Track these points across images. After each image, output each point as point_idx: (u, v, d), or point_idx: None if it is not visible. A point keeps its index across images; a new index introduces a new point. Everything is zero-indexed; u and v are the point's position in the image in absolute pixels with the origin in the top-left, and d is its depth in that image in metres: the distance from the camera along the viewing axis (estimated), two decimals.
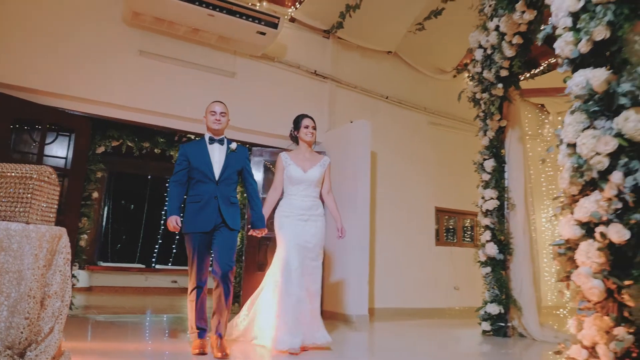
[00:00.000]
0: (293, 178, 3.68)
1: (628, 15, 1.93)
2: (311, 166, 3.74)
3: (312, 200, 3.70)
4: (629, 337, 1.73)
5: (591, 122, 1.97)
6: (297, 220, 3.57)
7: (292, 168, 3.70)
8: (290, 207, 3.63)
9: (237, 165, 3.39)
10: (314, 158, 3.83)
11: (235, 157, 3.40)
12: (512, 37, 3.77)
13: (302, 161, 3.75)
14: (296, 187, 3.68)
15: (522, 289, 4.63)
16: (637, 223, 1.79)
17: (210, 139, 3.41)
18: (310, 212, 3.65)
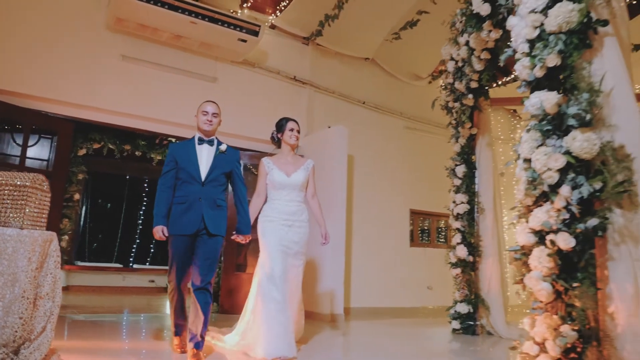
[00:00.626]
0: (276, 183, 3.58)
1: (577, 45, 2.16)
2: (295, 170, 3.64)
3: (297, 205, 3.60)
4: (572, 334, 1.95)
5: (544, 140, 2.19)
6: (280, 225, 3.49)
7: (275, 173, 3.61)
8: (274, 211, 3.54)
9: (225, 167, 3.28)
10: (297, 162, 3.73)
11: (225, 159, 3.30)
12: (481, 53, 4.01)
13: (285, 165, 3.65)
14: (280, 192, 3.58)
15: (490, 289, 4.89)
16: (582, 232, 2.02)
17: (200, 140, 3.31)
18: (294, 217, 3.55)
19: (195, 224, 3.11)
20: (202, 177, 3.18)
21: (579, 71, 2.15)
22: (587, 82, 2.12)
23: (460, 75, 4.62)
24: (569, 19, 2.13)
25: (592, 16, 2.17)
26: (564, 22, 2.14)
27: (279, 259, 3.40)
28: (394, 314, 6.70)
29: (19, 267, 2.28)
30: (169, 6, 5.15)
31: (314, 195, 3.79)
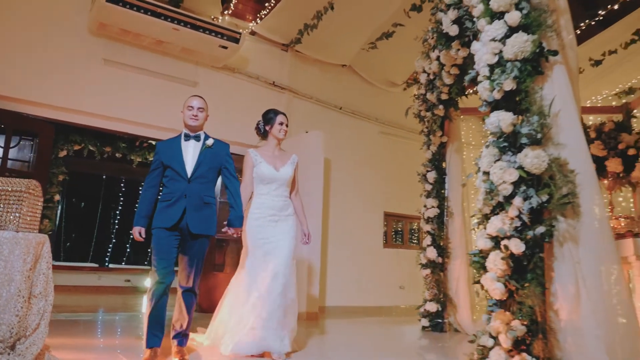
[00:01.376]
0: (265, 177, 3.48)
1: (530, 72, 2.43)
2: (282, 164, 3.56)
3: (284, 200, 3.53)
4: (522, 328, 2.21)
5: (501, 156, 2.45)
6: (267, 222, 3.41)
7: (263, 166, 3.49)
8: (261, 207, 3.45)
9: (213, 162, 3.19)
10: (283, 156, 3.64)
11: (212, 153, 3.19)
12: (450, 68, 4.29)
13: (273, 159, 3.55)
14: (267, 187, 3.49)
15: (458, 289, 5.17)
16: (531, 238, 2.29)
17: (186, 135, 3.21)
18: (281, 212, 3.48)
19: (174, 218, 3.01)
20: (187, 174, 3.09)
21: (532, 95, 2.42)
22: (538, 105, 2.39)
23: (432, 87, 4.91)
24: (523, 49, 2.40)
25: (544, 46, 2.44)
26: (519, 51, 2.41)
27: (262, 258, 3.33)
28: (367, 313, 6.96)
29: (14, 267, 2.41)
30: (151, 13, 5.28)
31: (297, 193, 3.73)
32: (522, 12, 2.47)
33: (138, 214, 3.14)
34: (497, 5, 2.52)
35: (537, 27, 2.43)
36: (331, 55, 7.23)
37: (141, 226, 3.11)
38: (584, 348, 2.12)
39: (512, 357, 2.22)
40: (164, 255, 3.00)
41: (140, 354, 3.17)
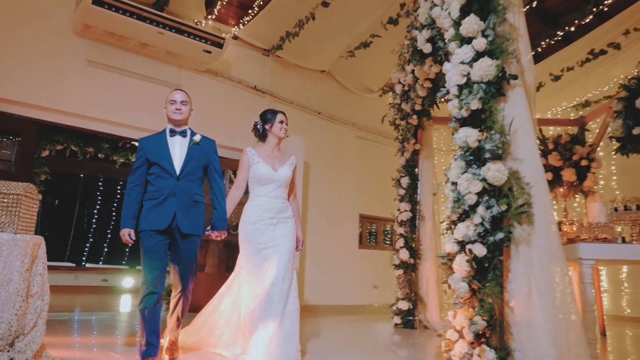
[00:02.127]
0: (262, 177, 3.32)
1: (494, 94, 2.71)
2: (281, 165, 3.41)
3: (282, 202, 3.37)
4: (482, 323, 2.49)
5: (467, 168, 2.73)
6: (265, 225, 3.24)
7: (260, 166, 3.33)
8: (258, 209, 3.27)
9: (201, 159, 3.08)
10: (282, 156, 3.50)
11: (200, 150, 3.09)
12: (424, 82, 4.58)
13: (271, 159, 3.40)
14: (265, 188, 3.33)
15: (428, 288, 5.48)
16: (492, 243, 2.56)
17: (171, 131, 3.08)
18: (280, 215, 3.32)
19: (167, 220, 2.89)
20: (176, 171, 2.97)
21: (495, 114, 2.70)
22: (500, 124, 2.67)
23: (407, 98, 5.19)
24: (488, 72, 2.68)
25: (506, 70, 2.72)
26: (484, 74, 2.68)
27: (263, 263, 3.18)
28: (343, 311, 7.22)
29: (13, 268, 2.55)
30: (137, 16, 5.40)
31: (295, 196, 3.61)
32: (488, 39, 2.75)
33: (124, 215, 2.95)
34: (466, 32, 2.80)
35: (500, 54, 2.71)
36: (311, 61, 7.46)
37: (130, 228, 2.93)
38: (535, 340, 2.41)
39: (473, 348, 2.50)
40: (156, 264, 2.87)
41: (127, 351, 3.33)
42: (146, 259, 2.91)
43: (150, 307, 2.85)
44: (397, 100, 5.42)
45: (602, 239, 3.48)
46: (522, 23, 2.91)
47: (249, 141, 6.54)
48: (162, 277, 2.90)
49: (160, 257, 2.91)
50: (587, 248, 3.23)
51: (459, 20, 2.87)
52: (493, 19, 2.76)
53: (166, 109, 3.12)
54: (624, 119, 3.60)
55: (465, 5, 2.85)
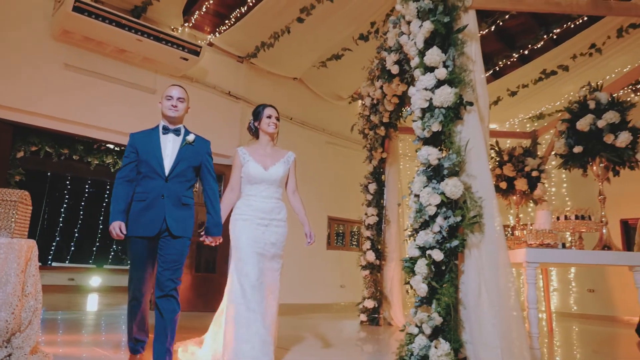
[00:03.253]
0: (252, 176, 3.21)
1: (452, 118, 3.07)
2: (273, 163, 3.28)
3: (275, 202, 3.25)
4: (439, 319, 2.84)
5: (428, 183, 3.08)
6: (256, 224, 3.15)
7: (251, 165, 3.22)
8: (249, 208, 3.18)
9: (193, 160, 2.93)
10: (276, 153, 3.35)
11: (192, 150, 2.94)
12: (391, 98, 4.94)
13: (263, 157, 3.28)
14: (256, 187, 3.23)
15: (392, 288, 5.86)
16: (448, 249, 2.93)
17: (165, 128, 2.93)
18: (271, 215, 3.21)
19: (157, 225, 2.78)
20: (165, 171, 2.84)
21: (452, 136, 3.06)
22: (457, 144, 3.03)
23: (375, 111, 5.56)
24: (448, 99, 3.03)
25: (463, 98, 3.09)
26: (444, 100, 3.04)
27: (253, 262, 3.07)
28: (311, 310, 7.53)
29: (10, 269, 2.74)
30: (116, 24, 5.55)
31: (295, 191, 3.48)
32: (448, 69, 3.11)
33: (114, 209, 2.81)
34: (429, 62, 3.15)
35: (458, 83, 3.07)
36: (284, 69, 7.73)
37: (120, 220, 2.79)
38: (484, 333, 2.78)
39: (431, 341, 2.85)
40: (142, 268, 2.85)
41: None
42: (133, 266, 2.84)
43: (137, 312, 2.87)
44: (367, 112, 5.79)
45: (545, 244, 3.92)
46: (478, 55, 3.29)
47: (223, 145, 6.82)
48: (148, 284, 2.86)
49: (149, 264, 2.85)
50: (531, 252, 3.65)
51: (423, 50, 3.22)
52: (453, 51, 3.13)
53: (161, 104, 2.97)
54: (567, 139, 4.06)
55: (429, 38, 3.20)
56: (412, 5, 3.33)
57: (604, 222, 4.00)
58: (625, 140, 3.79)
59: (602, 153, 3.90)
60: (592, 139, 3.91)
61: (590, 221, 3.96)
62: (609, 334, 5.99)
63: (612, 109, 3.91)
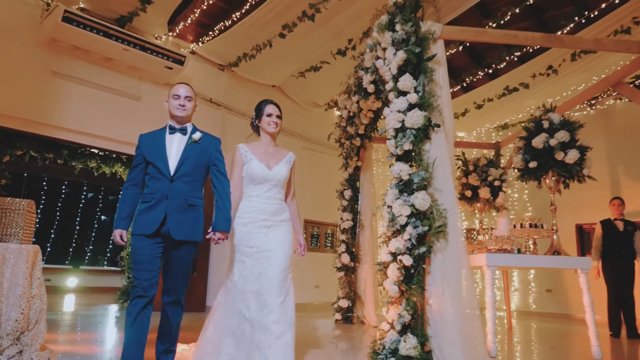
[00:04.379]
0: (256, 176, 3.07)
1: (422, 138, 3.46)
2: (276, 162, 3.16)
3: (278, 203, 3.13)
4: (408, 316, 3.23)
5: (400, 195, 3.46)
6: (258, 228, 3.02)
7: (254, 164, 3.09)
8: (251, 211, 3.05)
9: (200, 159, 2.84)
10: (278, 153, 3.23)
11: (199, 149, 2.84)
12: (367, 112, 5.32)
13: (266, 156, 3.15)
14: (259, 187, 3.09)
15: (366, 288, 6.25)
16: (417, 255, 3.31)
17: (171, 128, 2.87)
18: (274, 217, 3.09)
19: (155, 224, 2.71)
20: (170, 172, 2.76)
21: (422, 154, 3.46)
22: (425, 161, 3.43)
23: (352, 123, 5.93)
24: (418, 121, 3.42)
25: (431, 120, 3.49)
26: (415, 122, 3.43)
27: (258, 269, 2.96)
28: None
29: (19, 273, 2.97)
30: (104, 34, 5.75)
31: (294, 196, 3.38)
32: (418, 94, 3.50)
33: (118, 215, 2.81)
34: (402, 87, 3.54)
35: (428, 107, 3.47)
36: (263, 78, 8.03)
37: (122, 228, 2.78)
38: (446, 329, 3.17)
39: (401, 336, 3.23)
40: (145, 266, 2.71)
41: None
42: (134, 263, 2.76)
43: (137, 311, 2.70)
44: (343, 123, 6.15)
45: (503, 249, 4.37)
46: (446, 81, 3.70)
47: None
48: (153, 282, 2.72)
49: (151, 262, 2.72)
50: (490, 257, 4.09)
51: (397, 76, 3.60)
52: (423, 78, 3.52)
53: (168, 103, 2.90)
54: (523, 154, 4.52)
55: (402, 65, 3.59)
56: (388, 34, 3.71)
57: (554, 229, 4.47)
58: (573, 157, 4.27)
59: (553, 168, 4.37)
60: (545, 156, 4.38)
61: (543, 229, 4.43)
62: (564, 331, 6.52)
63: (563, 128, 4.39)
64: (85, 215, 11.87)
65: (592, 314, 4.11)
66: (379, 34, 3.79)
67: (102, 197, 12.23)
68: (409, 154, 3.52)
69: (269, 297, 2.90)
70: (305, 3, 5.27)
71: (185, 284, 2.85)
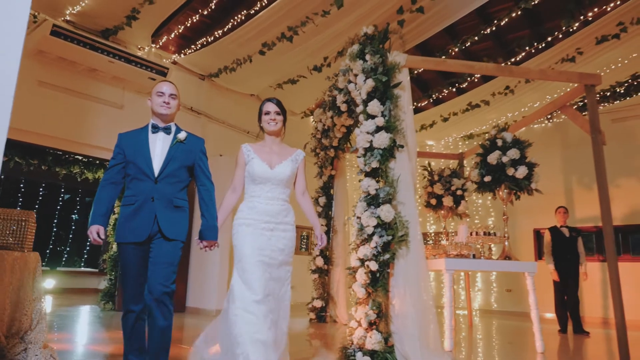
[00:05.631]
0: (257, 175, 2.95)
1: (387, 157, 3.91)
2: (280, 161, 3.03)
3: (281, 204, 2.98)
4: (374, 315, 3.66)
5: (368, 207, 3.90)
6: (260, 229, 2.88)
7: (255, 163, 2.97)
8: (253, 211, 2.92)
9: (185, 159, 2.72)
10: (283, 151, 3.11)
11: (184, 149, 2.72)
12: (340, 127, 5.75)
13: (269, 155, 3.04)
14: (260, 187, 2.96)
15: (338, 289, 6.68)
16: (382, 261, 3.75)
17: (154, 127, 2.73)
18: (277, 219, 2.94)
19: (147, 228, 2.57)
20: (154, 172, 2.63)
21: (387, 171, 3.90)
22: (390, 177, 3.87)
23: (326, 135, 6.35)
24: (384, 142, 3.86)
25: (396, 141, 3.93)
26: (382, 143, 3.87)
27: (259, 274, 2.80)
28: None
29: (23, 277, 3.28)
30: (90, 46, 6.02)
31: (305, 192, 3.21)
32: (385, 118, 3.94)
33: (94, 212, 2.62)
34: (371, 111, 3.97)
35: (393, 129, 3.91)
36: (242, 87, 8.39)
37: (99, 224, 2.59)
38: (406, 325, 3.62)
39: (367, 332, 3.67)
40: (137, 279, 2.61)
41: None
42: (125, 275, 2.65)
43: (131, 325, 2.65)
44: (319, 135, 6.57)
45: (461, 254, 4.86)
46: (409, 106, 4.15)
47: None
48: (141, 293, 2.61)
49: (141, 273, 2.61)
50: (448, 262, 4.57)
51: (366, 101, 4.04)
52: (389, 104, 3.97)
53: (151, 101, 2.76)
54: (480, 169, 5.02)
55: (371, 91, 4.02)
56: (359, 62, 4.15)
57: (506, 237, 4.99)
58: (522, 173, 4.79)
59: (505, 182, 4.89)
60: (498, 171, 4.90)
61: (495, 236, 4.95)
62: (520, 328, 7.10)
63: (515, 146, 4.91)
64: (62, 217, 11.95)
65: (536, 312, 4.64)
66: (351, 62, 4.22)
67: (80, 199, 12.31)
68: (377, 171, 3.96)
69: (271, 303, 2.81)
70: (284, 26, 5.67)
71: (172, 279, 2.60)
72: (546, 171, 8.37)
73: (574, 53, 5.57)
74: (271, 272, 2.87)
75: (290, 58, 6.48)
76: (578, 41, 5.46)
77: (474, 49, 6.93)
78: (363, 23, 5.30)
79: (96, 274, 11.42)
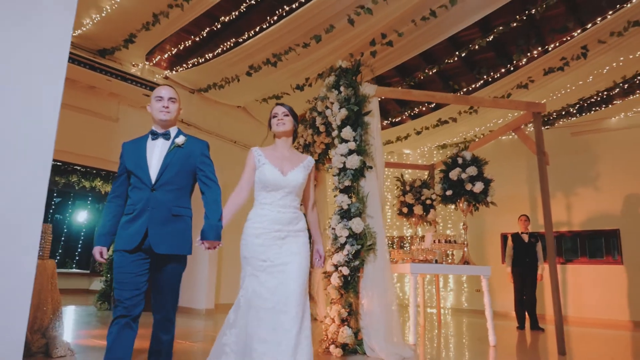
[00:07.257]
0: (268, 182, 2.81)
1: (358, 177, 4.52)
2: (292, 167, 2.87)
3: (293, 212, 2.82)
4: (345, 313, 4.28)
5: (341, 220, 4.51)
6: (272, 239, 2.74)
7: (267, 168, 2.83)
8: (263, 220, 2.78)
9: (184, 164, 2.60)
10: (295, 157, 2.96)
11: (183, 154, 2.61)
12: (320, 144, 6.35)
13: (280, 160, 2.89)
14: (272, 195, 2.82)
15: (318, 290, 7.28)
16: (353, 266, 4.37)
17: (153, 133, 2.65)
18: (289, 227, 2.79)
19: (136, 238, 2.49)
20: (151, 180, 2.55)
21: (358, 188, 4.52)
22: (361, 194, 4.49)
23: (307, 150, 6.94)
24: (355, 163, 4.48)
25: (366, 163, 4.55)
26: (353, 164, 4.48)
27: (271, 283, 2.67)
28: None
29: (42, 281, 3.81)
30: (90, 67, 6.51)
31: (314, 206, 3.08)
32: (357, 142, 4.56)
33: (98, 232, 2.63)
34: (344, 136, 4.59)
35: (363, 152, 4.53)
36: (229, 100, 8.92)
37: (102, 245, 2.60)
38: (373, 322, 4.24)
39: (339, 328, 4.28)
40: (128, 286, 2.48)
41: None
42: (116, 281, 2.53)
43: (118, 330, 2.45)
44: (300, 149, 7.16)
45: (426, 259, 5.51)
46: (378, 132, 4.78)
47: None
48: (137, 300, 2.48)
49: (134, 280, 2.49)
50: (413, 266, 5.21)
51: (341, 127, 4.65)
52: (360, 130, 4.59)
53: (150, 107, 2.68)
54: (442, 184, 5.68)
55: (345, 119, 4.64)
56: (334, 93, 4.76)
57: (465, 243, 5.65)
58: (479, 188, 5.46)
59: (465, 196, 5.55)
60: (458, 186, 5.55)
61: (456, 244, 5.60)
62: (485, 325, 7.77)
63: (473, 164, 5.57)
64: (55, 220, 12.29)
65: (490, 310, 5.31)
66: (328, 92, 4.83)
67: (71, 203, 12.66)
68: (349, 188, 4.58)
69: (284, 316, 2.59)
70: (269, 52, 6.25)
71: (175, 302, 2.64)
72: (513, 180, 9.14)
73: (526, 81, 6.28)
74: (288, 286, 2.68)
75: (274, 78, 7.05)
76: (529, 71, 6.17)
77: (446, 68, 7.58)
78: (341, 50, 5.93)
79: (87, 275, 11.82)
